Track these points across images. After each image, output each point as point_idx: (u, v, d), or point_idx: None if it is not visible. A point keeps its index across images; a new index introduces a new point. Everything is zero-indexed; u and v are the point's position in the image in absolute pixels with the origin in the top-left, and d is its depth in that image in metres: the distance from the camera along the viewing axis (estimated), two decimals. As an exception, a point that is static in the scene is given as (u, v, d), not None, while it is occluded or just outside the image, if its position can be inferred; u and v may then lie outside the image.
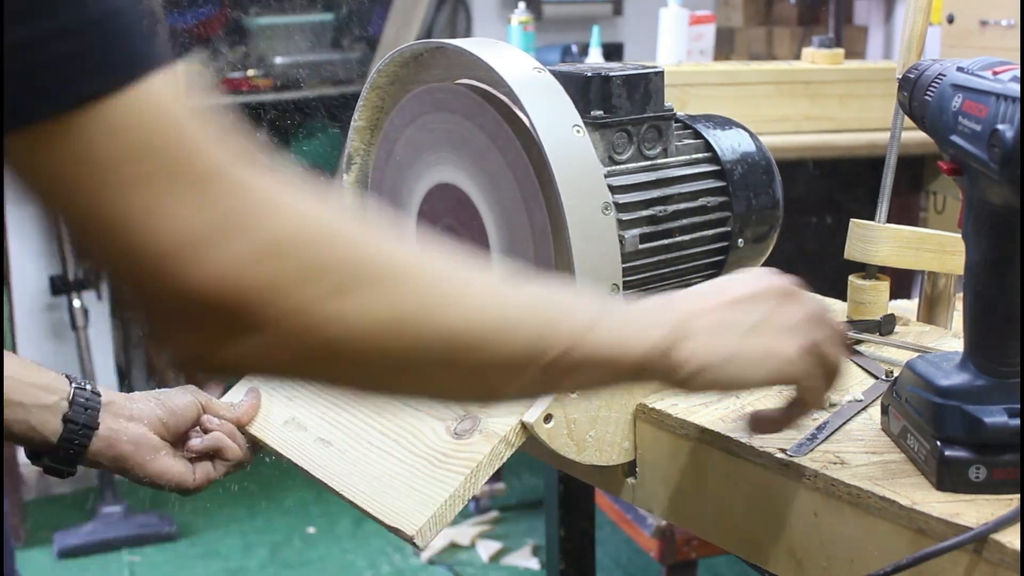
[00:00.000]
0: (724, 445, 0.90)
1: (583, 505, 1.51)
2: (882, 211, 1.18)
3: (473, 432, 0.90)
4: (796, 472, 0.84)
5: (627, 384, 0.76)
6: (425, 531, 0.85)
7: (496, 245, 1.01)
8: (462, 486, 0.87)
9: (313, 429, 1.00)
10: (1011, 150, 0.70)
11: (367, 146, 1.14)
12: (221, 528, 3.05)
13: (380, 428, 0.97)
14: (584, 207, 0.90)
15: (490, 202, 1.00)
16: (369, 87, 1.09)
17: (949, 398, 0.79)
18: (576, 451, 0.93)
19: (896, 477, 0.81)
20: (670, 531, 2.15)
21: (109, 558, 2.91)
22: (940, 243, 1.15)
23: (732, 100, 2.25)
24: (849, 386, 1.00)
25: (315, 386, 0.65)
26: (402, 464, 0.92)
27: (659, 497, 0.97)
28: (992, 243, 0.77)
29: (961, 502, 0.77)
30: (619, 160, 1.12)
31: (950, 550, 0.72)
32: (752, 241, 1.19)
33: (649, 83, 1.13)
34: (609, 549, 2.80)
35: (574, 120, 0.92)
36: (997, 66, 0.77)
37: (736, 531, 0.90)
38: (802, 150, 2.29)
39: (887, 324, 1.12)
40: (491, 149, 0.98)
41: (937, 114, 0.81)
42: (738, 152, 1.19)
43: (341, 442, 0.97)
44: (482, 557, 2.84)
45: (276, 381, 0.94)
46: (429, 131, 1.05)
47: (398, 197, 1.11)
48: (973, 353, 0.81)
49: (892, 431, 0.87)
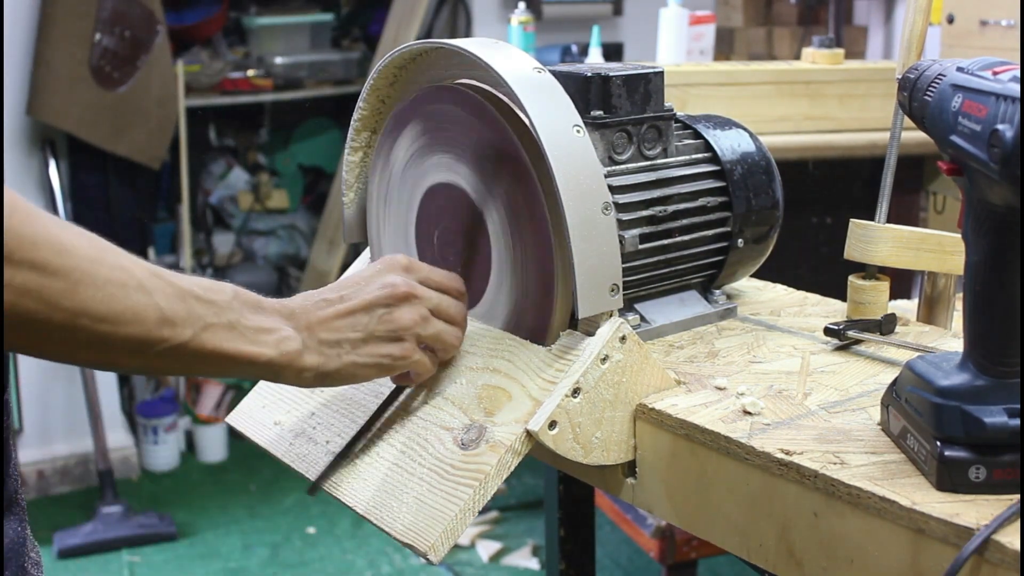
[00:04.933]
0: (724, 445, 0.90)
1: (583, 505, 1.51)
2: (882, 211, 1.18)
3: (480, 442, 0.90)
4: (796, 472, 0.84)
5: (260, 378, 0.87)
6: (438, 546, 0.85)
7: (496, 245, 1.01)
8: (471, 499, 0.87)
9: (322, 442, 1.00)
10: (1011, 150, 0.70)
11: (367, 147, 1.14)
12: (221, 528, 3.05)
13: (388, 439, 0.96)
14: (584, 207, 0.90)
15: (490, 202, 1.00)
16: (369, 88, 1.09)
17: (949, 398, 0.79)
18: (583, 454, 0.93)
19: (896, 477, 0.81)
20: (670, 531, 2.15)
21: (109, 558, 2.91)
22: (940, 243, 1.15)
23: (732, 100, 2.25)
24: (848, 386, 1.00)
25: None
26: (411, 477, 0.91)
27: (659, 497, 0.97)
28: (992, 243, 0.77)
29: (961, 502, 0.77)
30: (619, 160, 1.12)
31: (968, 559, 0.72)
32: (752, 241, 1.19)
33: (649, 83, 1.13)
34: (609, 549, 2.80)
35: (574, 120, 0.92)
36: (997, 66, 0.77)
37: (736, 531, 0.90)
38: (802, 150, 2.29)
39: (887, 324, 1.12)
40: (491, 149, 0.98)
41: (937, 114, 0.81)
42: (738, 152, 1.19)
43: (349, 454, 0.97)
44: (482, 557, 2.84)
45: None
46: (429, 131, 1.04)
47: (398, 197, 1.11)
48: (973, 353, 0.81)
49: (892, 431, 0.87)
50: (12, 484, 0.84)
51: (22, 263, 0.65)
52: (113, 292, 0.70)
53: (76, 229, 0.70)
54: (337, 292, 0.89)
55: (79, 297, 0.68)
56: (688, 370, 1.04)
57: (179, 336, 0.75)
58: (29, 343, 0.69)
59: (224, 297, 0.80)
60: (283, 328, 0.83)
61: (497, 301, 1.01)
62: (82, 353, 0.72)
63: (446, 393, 0.97)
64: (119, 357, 0.74)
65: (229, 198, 4.26)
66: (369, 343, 0.88)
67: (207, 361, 0.78)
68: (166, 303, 0.74)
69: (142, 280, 0.73)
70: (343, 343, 0.87)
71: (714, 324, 1.18)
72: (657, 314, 1.15)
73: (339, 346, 0.87)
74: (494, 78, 0.93)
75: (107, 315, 0.70)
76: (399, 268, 0.92)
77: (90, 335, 0.70)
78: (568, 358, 0.93)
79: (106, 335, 0.70)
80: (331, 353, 0.86)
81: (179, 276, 0.77)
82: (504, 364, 0.96)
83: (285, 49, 4.00)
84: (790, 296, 1.28)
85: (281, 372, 0.84)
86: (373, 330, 0.88)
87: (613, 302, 0.93)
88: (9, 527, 0.82)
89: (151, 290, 0.73)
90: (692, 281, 1.19)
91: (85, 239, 0.70)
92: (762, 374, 1.03)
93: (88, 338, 0.70)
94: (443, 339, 0.93)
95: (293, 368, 0.84)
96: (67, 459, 3.31)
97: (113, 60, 3.08)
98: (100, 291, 0.69)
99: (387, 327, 0.88)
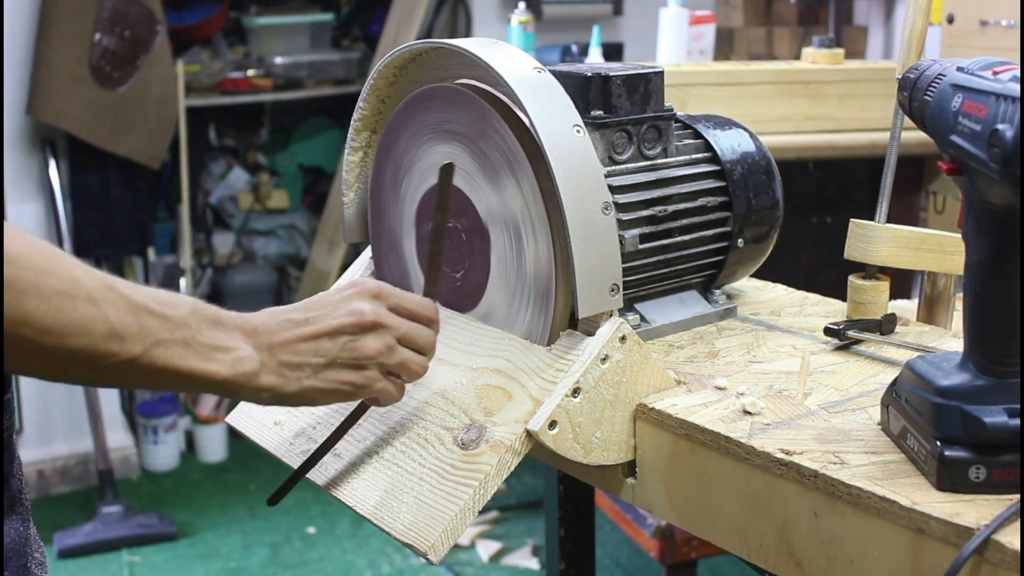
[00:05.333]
0: (724, 445, 0.90)
1: (583, 505, 1.51)
2: (882, 211, 1.18)
3: (480, 442, 0.90)
4: (796, 472, 0.84)
5: (218, 394, 0.85)
6: (438, 546, 0.86)
7: (495, 244, 1.01)
8: (471, 499, 0.87)
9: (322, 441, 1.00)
10: (1011, 150, 0.70)
11: (367, 147, 1.14)
12: (221, 528, 3.05)
13: (388, 439, 0.96)
14: (584, 207, 0.90)
15: (489, 201, 1.00)
16: (369, 88, 1.09)
17: (949, 398, 0.79)
18: (583, 454, 0.93)
19: (896, 477, 0.81)
20: (670, 531, 2.15)
21: (109, 558, 2.91)
22: (940, 243, 1.15)
23: (732, 100, 2.25)
24: (848, 386, 1.00)
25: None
26: (411, 477, 0.92)
27: (659, 497, 0.97)
28: (992, 243, 0.77)
29: (961, 502, 0.77)
30: (619, 160, 1.12)
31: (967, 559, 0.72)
32: (752, 241, 1.19)
33: (649, 83, 1.13)
34: (609, 549, 2.80)
35: (574, 120, 0.92)
36: (997, 66, 0.77)
37: (736, 531, 0.90)
38: (802, 150, 2.29)
39: (887, 324, 1.12)
40: (491, 149, 0.98)
41: (937, 114, 0.81)
42: (738, 152, 1.19)
43: (350, 454, 0.97)
44: (482, 557, 2.84)
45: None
46: (429, 131, 1.04)
47: (398, 196, 1.11)
48: (973, 353, 0.81)
49: (892, 431, 0.87)
50: (15, 484, 0.83)
51: None
52: (59, 304, 0.69)
53: (28, 238, 0.69)
54: (303, 314, 0.87)
55: (22, 308, 0.67)
56: (688, 370, 1.04)
57: (128, 351, 0.73)
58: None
59: (180, 312, 0.78)
60: (241, 347, 0.82)
61: (497, 301, 1.01)
62: (28, 364, 0.71)
63: (446, 393, 0.97)
64: (66, 369, 0.72)
65: (229, 198, 4.26)
66: (330, 369, 0.86)
67: (159, 377, 0.77)
68: (116, 316, 0.72)
69: (92, 292, 0.71)
70: (304, 367, 0.85)
71: (714, 324, 1.18)
72: (657, 314, 1.15)
73: (300, 369, 0.85)
74: (494, 78, 0.93)
75: (51, 327, 0.69)
76: (368, 295, 0.89)
77: (34, 346, 0.69)
78: (568, 358, 0.93)
79: (51, 347, 0.69)
80: (291, 376, 0.85)
81: (135, 288, 0.76)
82: (504, 364, 0.96)
83: (285, 49, 3.99)
84: (790, 296, 1.28)
85: (237, 390, 0.82)
86: (336, 356, 0.86)
87: (613, 302, 0.93)
88: (11, 527, 0.82)
89: (101, 303, 0.72)
90: (692, 281, 1.19)
91: (35, 249, 0.69)
92: (762, 374, 1.03)
93: (32, 349, 0.69)
94: (408, 368, 0.91)
95: (249, 388, 0.83)
96: (67, 459, 3.31)
97: (113, 60, 3.07)
98: (45, 302, 0.68)
99: (350, 355, 0.87)
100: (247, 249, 4.31)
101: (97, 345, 0.71)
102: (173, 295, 0.79)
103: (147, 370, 0.75)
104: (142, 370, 0.75)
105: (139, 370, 0.75)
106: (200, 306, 0.80)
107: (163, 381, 0.78)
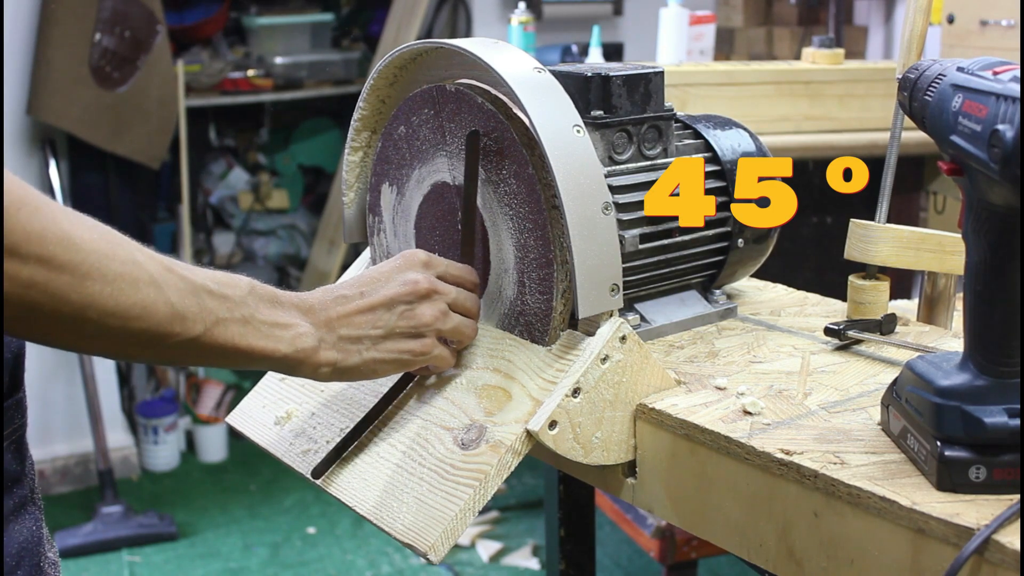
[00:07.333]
0: (724, 445, 0.90)
1: (583, 505, 1.50)
2: (882, 211, 1.18)
3: (480, 442, 0.90)
4: (796, 472, 0.84)
5: (277, 371, 0.86)
6: (438, 546, 0.86)
7: (495, 245, 1.00)
8: (471, 499, 0.87)
9: (322, 442, 1.00)
10: (1011, 150, 0.70)
11: (367, 147, 1.14)
12: (221, 528, 3.05)
13: (388, 439, 0.96)
14: (584, 207, 0.90)
15: (489, 202, 1.00)
16: (369, 88, 1.09)
17: (949, 398, 0.79)
18: (583, 454, 0.93)
19: (896, 477, 0.81)
20: (670, 531, 2.15)
21: (109, 558, 2.91)
22: (940, 243, 1.15)
23: (732, 100, 2.26)
24: (848, 386, 1.00)
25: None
26: (411, 477, 0.92)
27: (659, 497, 0.97)
28: (992, 243, 0.77)
29: (961, 502, 0.77)
30: (619, 160, 1.12)
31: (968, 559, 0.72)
32: (752, 241, 1.19)
33: (649, 83, 1.13)
34: (609, 549, 2.80)
35: (574, 120, 0.92)
36: (997, 66, 0.77)
37: (736, 531, 0.90)
38: (802, 150, 2.29)
39: (887, 324, 1.12)
40: (491, 149, 0.98)
41: (937, 114, 0.81)
42: (738, 152, 1.19)
43: (350, 453, 0.97)
44: (482, 557, 2.84)
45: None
46: (428, 131, 1.05)
47: (398, 196, 1.11)
48: (973, 353, 0.81)
49: (892, 431, 0.87)
50: (28, 483, 0.84)
51: (28, 257, 0.65)
52: (122, 287, 0.70)
53: (90, 223, 0.70)
54: (356, 288, 0.89)
55: (87, 291, 0.68)
56: (688, 370, 1.04)
57: (190, 331, 0.75)
58: (36, 333, 0.70)
59: (239, 292, 0.80)
60: (299, 324, 0.84)
61: (497, 301, 1.01)
62: (92, 344, 0.73)
63: (446, 393, 0.97)
64: (129, 349, 0.74)
65: (229, 198, 4.26)
66: (390, 339, 0.89)
67: (221, 355, 0.79)
68: (177, 298, 0.74)
69: (153, 275, 0.73)
70: (363, 339, 0.87)
71: (714, 324, 1.18)
72: (657, 314, 1.15)
73: (359, 342, 0.87)
74: (494, 78, 0.93)
75: (115, 310, 0.70)
76: (419, 264, 0.92)
77: (98, 328, 0.70)
78: (568, 358, 0.93)
79: (115, 328, 0.71)
80: (351, 349, 0.87)
81: (194, 270, 0.77)
82: (504, 364, 0.96)
83: (285, 49, 3.99)
84: (790, 296, 1.28)
85: (296, 367, 0.84)
86: (394, 326, 0.89)
87: (613, 302, 0.93)
88: (24, 525, 0.83)
89: (162, 285, 0.73)
90: (692, 281, 1.19)
91: (97, 233, 0.70)
92: (762, 374, 1.03)
93: (96, 331, 0.70)
94: (461, 331, 0.94)
95: (309, 364, 0.84)
96: (67, 459, 3.31)
97: (113, 60, 3.07)
98: (109, 286, 0.69)
99: (408, 323, 0.89)
100: (247, 249, 4.31)
101: (160, 326, 0.73)
102: (231, 275, 0.80)
103: (208, 349, 0.77)
104: (203, 349, 0.77)
105: (200, 349, 0.77)
106: (257, 286, 0.82)
107: (225, 359, 0.79)
